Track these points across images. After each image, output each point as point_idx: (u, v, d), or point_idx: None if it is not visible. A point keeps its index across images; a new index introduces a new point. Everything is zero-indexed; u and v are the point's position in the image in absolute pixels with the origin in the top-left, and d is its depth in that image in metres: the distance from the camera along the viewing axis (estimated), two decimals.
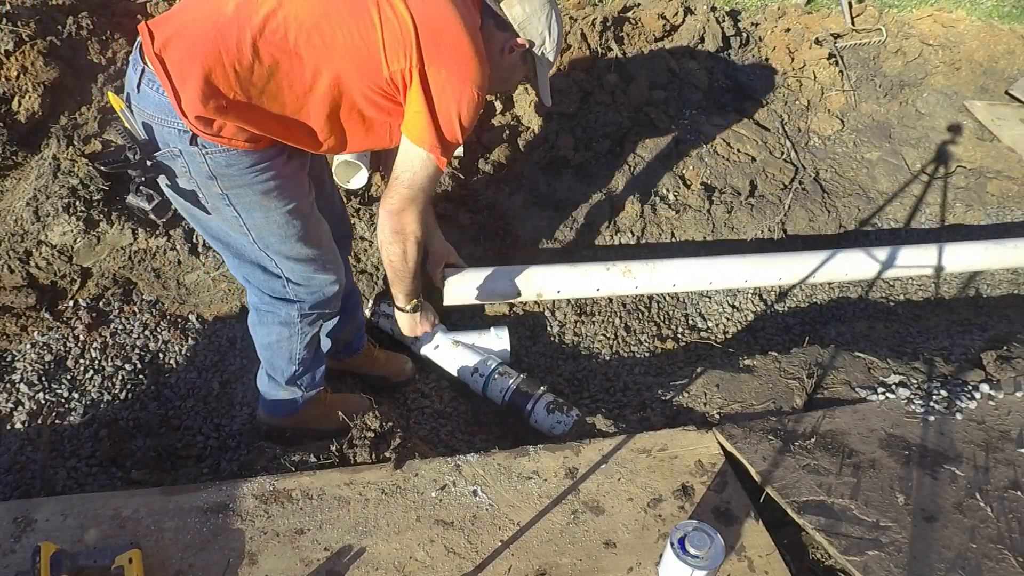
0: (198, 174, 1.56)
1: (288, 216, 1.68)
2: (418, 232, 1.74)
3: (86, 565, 1.51)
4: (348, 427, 1.96)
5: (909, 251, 2.77)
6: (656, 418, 2.23)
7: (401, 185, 1.66)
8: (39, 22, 2.82)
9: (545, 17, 1.76)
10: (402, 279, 1.90)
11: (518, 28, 1.75)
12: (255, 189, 1.61)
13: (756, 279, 2.65)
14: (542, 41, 1.79)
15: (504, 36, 1.75)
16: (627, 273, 2.46)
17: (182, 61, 1.44)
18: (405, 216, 1.70)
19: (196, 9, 1.49)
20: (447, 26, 1.55)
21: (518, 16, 1.74)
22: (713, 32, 3.54)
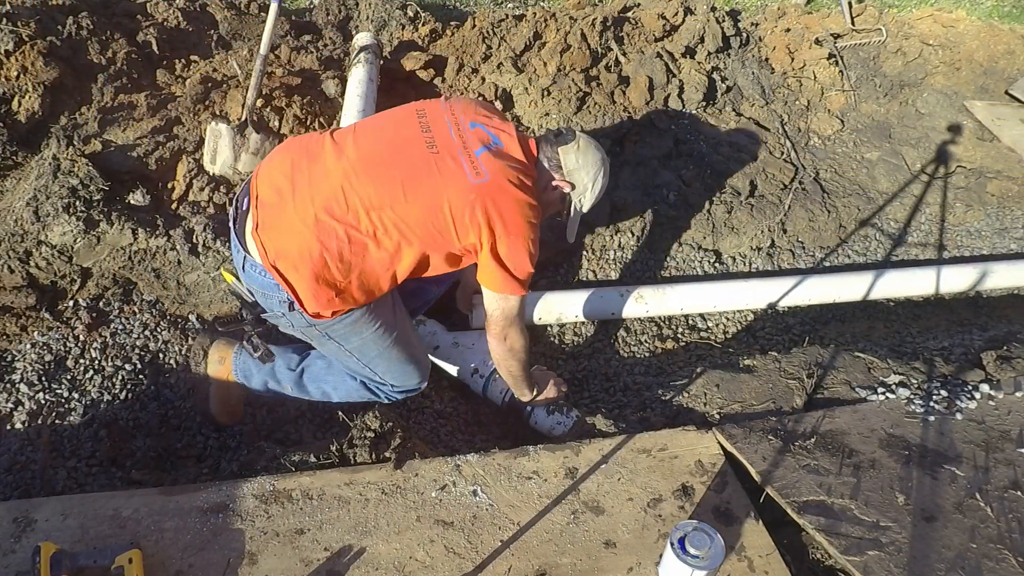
0: (299, 327, 1.90)
1: (380, 331, 1.96)
2: (524, 343, 2.05)
3: (86, 565, 1.51)
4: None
5: (909, 273, 2.92)
6: (656, 418, 2.23)
7: (496, 322, 1.99)
8: (39, 22, 2.82)
9: (594, 172, 2.03)
10: (522, 382, 2.20)
11: (567, 173, 2.00)
12: (348, 327, 1.90)
13: (758, 302, 2.80)
14: (583, 191, 2.04)
15: (552, 175, 2.01)
16: (639, 299, 2.68)
17: (295, 270, 1.76)
18: (510, 339, 2.02)
19: (292, 214, 1.77)
20: (509, 202, 1.82)
21: (570, 164, 2.00)
22: (713, 32, 3.54)
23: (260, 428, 2.26)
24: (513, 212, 1.83)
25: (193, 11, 3.43)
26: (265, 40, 2.64)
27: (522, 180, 1.87)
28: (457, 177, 1.78)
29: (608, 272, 2.93)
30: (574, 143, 2.00)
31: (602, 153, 2.06)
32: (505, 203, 1.82)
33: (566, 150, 1.99)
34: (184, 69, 3.09)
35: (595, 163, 2.03)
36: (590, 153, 2.02)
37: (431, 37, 3.46)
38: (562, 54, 3.19)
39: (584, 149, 2.01)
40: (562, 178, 2.01)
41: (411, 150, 1.82)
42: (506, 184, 1.82)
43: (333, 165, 1.80)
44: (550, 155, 2.01)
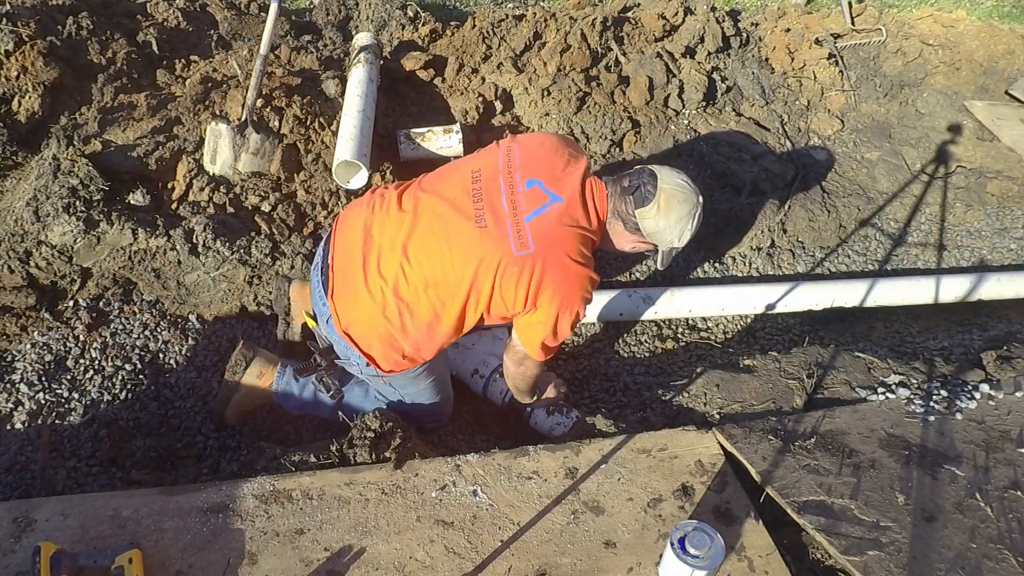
0: (367, 375, 2.00)
1: (435, 382, 2.08)
2: (538, 371, 2.06)
3: (86, 565, 1.51)
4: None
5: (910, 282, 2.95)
6: (656, 418, 2.23)
7: (517, 353, 1.98)
8: (39, 22, 2.82)
9: (681, 228, 1.85)
10: (526, 395, 2.22)
11: (647, 235, 1.87)
12: (409, 379, 2.02)
13: (763, 306, 2.81)
14: (669, 246, 1.91)
15: (634, 237, 1.89)
16: (647, 300, 2.69)
17: (365, 339, 1.88)
18: (526, 367, 2.03)
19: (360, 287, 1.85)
20: (557, 274, 1.75)
21: (649, 227, 1.85)
22: (713, 32, 3.54)
23: (260, 428, 2.26)
24: (560, 285, 1.75)
25: (193, 11, 3.43)
26: (265, 40, 2.65)
27: (579, 247, 1.77)
28: (501, 248, 1.74)
29: (608, 272, 2.93)
30: (653, 204, 1.80)
31: (691, 202, 1.84)
32: (553, 276, 1.74)
33: (644, 213, 1.81)
34: (184, 69, 3.09)
35: (680, 219, 1.83)
36: (673, 211, 1.82)
37: (431, 37, 3.46)
38: (562, 54, 3.19)
39: (666, 208, 1.81)
40: (641, 240, 1.88)
41: (462, 225, 1.78)
42: (555, 255, 1.74)
43: (397, 237, 1.84)
44: (626, 216, 1.84)
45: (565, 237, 1.76)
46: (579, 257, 1.77)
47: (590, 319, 2.71)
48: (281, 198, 2.69)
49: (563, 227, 1.77)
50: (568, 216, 1.78)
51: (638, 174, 1.85)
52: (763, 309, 2.79)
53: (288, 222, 2.62)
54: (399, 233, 1.83)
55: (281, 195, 2.70)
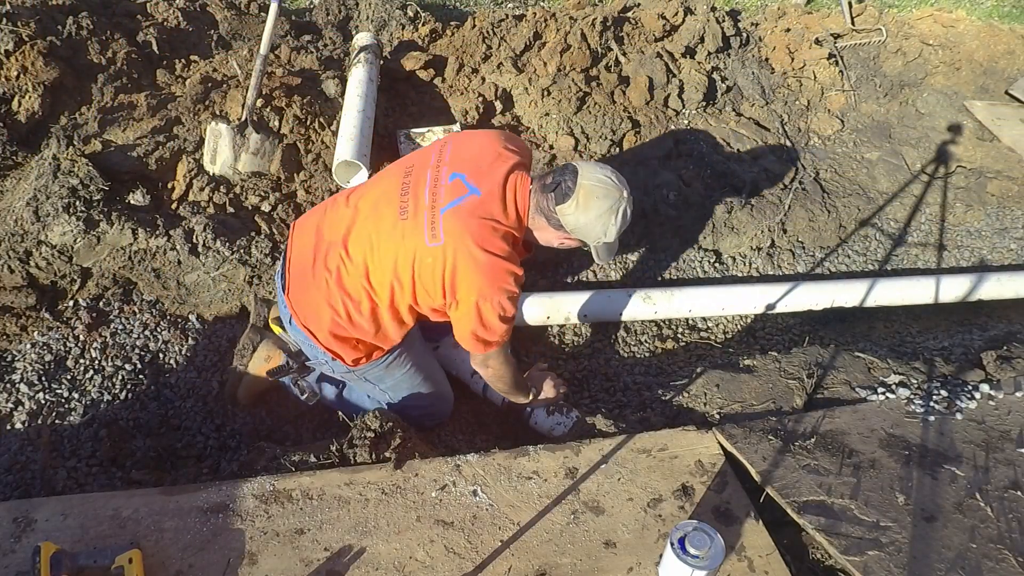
0: (340, 372, 2.08)
1: (411, 372, 2.11)
2: (507, 368, 2.04)
3: (86, 565, 1.51)
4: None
5: (910, 282, 2.94)
6: (656, 418, 2.23)
7: (474, 358, 1.99)
8: (39, 22, 2.82)
9: (603, 224, 1.84)
10: (515, 394, 2.19)
11: (571, 232, 1.87)
12: (382, 371, 2.07)
13: (763, 306, 2.81)
14: (597, 240, 1.89)
15: (559, 234, 1.90)
16: (647, 300, 2.68)
17: (319, 331, 1.95)
18: (492, 368, 2.02)
19: (309, 280, 1.94)
20: (467, 266, 1.76)
21: (571, 224, 1.85)
22: (713, 32, 3.54)
23: (260, 428, 2.26)
24: (473, 276, 1.75)
25: (193, 11, 3.43)
26: (265, 40, 2.65)
27: (492, 239, 1.77)
28: (417, 239, 1.80)
29: (608, 272, 2.93)
30: (572, 200, 1.80)
31: (612, 197, 1.82)
32: (464, 267, 1.75)
33: (563, 210, 1.82)
34: (184, 69, 3.09)
35: (602, 215, 1.82)
36: (593, 207, 1.81)
37: (431, 37, 3.46)
38: (562, 54, 3.19)
39: (585, 205, 1.80)
40: (567, 236, 1.89)
41: (389, 217, 1.86)
42: (465, 246, 1.74)
43: (339, 231, 1.92)
44: (548, 212, 1.85)
45: (477, 229, 1.76)
46: (493, 249, 1.76)
47: (590, 318, 2.71)
48: (281, 198, 2.69)
49: (476, 219, 1.77)
50: (483, 209, 1.79)
51: (561, 171, 1.86)
52: (763, 309, 2.79)
53: (288, 222, 2.62)
54: (341, 227, 1.92)
55: (281, 195, 2.70)
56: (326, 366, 2.08)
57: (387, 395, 2.16)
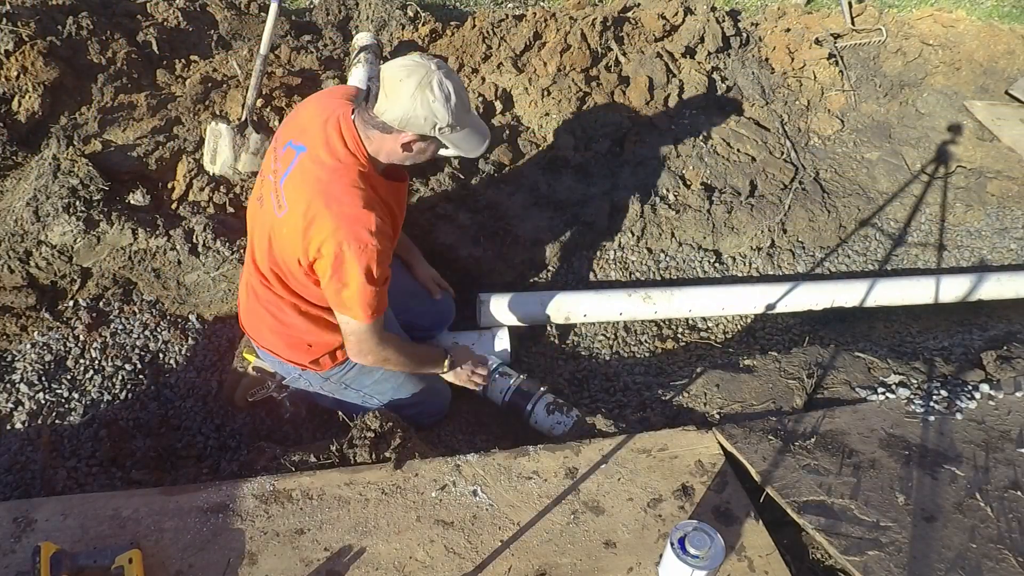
0: (317, 384, 2.14)
1: (388, 372, 2.09)
2: (387, 352, 1.95)
3: (86, 565, 1.51)
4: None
5: (910, 281, 2.96)
6: (656, 418, 2.23)
7: (347, 340, 1.93)
8: (39, 22, 2.82)
9: (423, 104, 1.65)
10: (413, 366, 2.11)
11: (403, 128, 1.70)
12: (357, 372, 2.10)
13: (764, 305, 2.81)
14: (432, 125, 1.70)
15: (395, 138, 1.72)
16: (647, 299, 2.69)
17: (276, 344, 2.03)
18: (371, 358, 1.95)
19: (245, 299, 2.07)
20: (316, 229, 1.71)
21: (393, 117, 1.68)
22: (713, 32, 3.54)
23: (260, 428, 2.26)
24: (322, 231, 1.70)
25: (193, 11, 3.43)
26: (265, 40, 2.64)
27: (333, 188, 1.71)
28: (271, 217, 1.82)
29: (608, 272, 2.93)
30: (381, 95, 1.67)
31: (417, 73, 1.64)
32: (311, 225, 1.71)
33: (379, 108, 1.68)
34: (184, 69, 3.09)
35: (414, 93, 1.64)
36: (400, 90, 1.64)
37: (431, 37, 3.46)
38: (562, 54, 3.19)
39: (392, 92, 1.65)
40: (405, 137, 1.71)
41: (253, 210, 1.96)
42: (307, 204, 1.70)
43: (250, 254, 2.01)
44: (373, 122, 1.71)
45: (313, 183, 1.72)
46: (336, 197, 1.70)
47: (591, 317, 2.70)
48: None
49: (311, 176, 1.74)
50: (313, 161, 1.75)
51: (371, 82, 1.83)
52: (763, 309, 2.80)
53: None
54: (249, 236, 2.03)
55: None
56: (301, 380, 2.12)
57: (375, 398, 2.17)
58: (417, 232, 2.71)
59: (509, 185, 2.92)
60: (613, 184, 3.07)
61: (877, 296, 2.87)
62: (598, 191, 3.01)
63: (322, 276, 1.79)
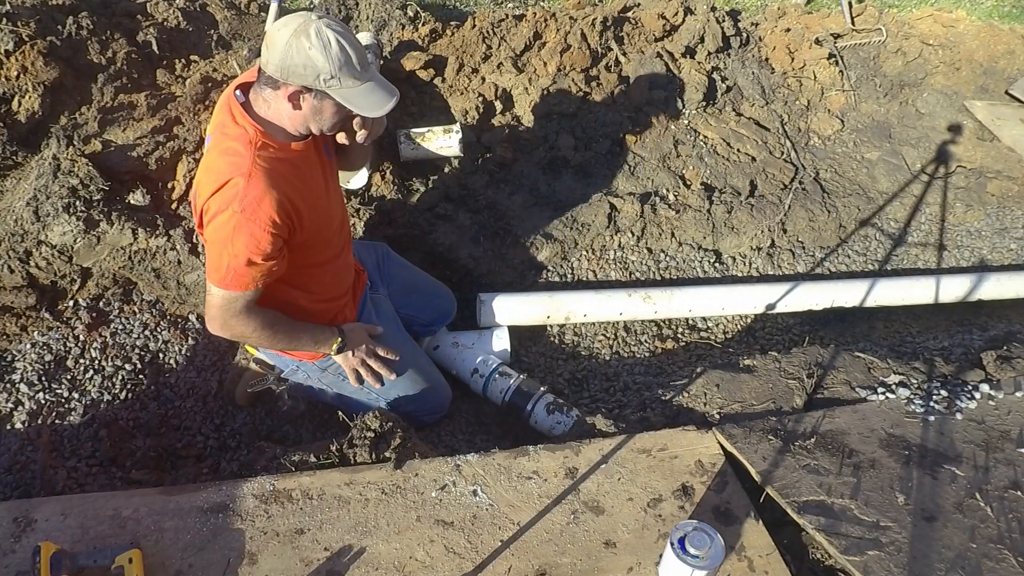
0: (315, 376, 2.14)
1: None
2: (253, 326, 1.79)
3: (86, 565, 1.51)
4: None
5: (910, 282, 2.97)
6: (656, 418, 2.23)
7: (208, 310, 1.77)
8: (39, 22, 2.82)
9: (300, 54, 1.56)
10: (284, 344, 1.94)
11: (287, 80, 1.60)
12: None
13: (764, 305, 2.81)
14: (315, 75, 1.59)
15: (284, 92, 1.62)
16: (647, 299, 2.69)
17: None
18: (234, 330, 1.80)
19: None
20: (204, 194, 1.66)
21: (274, 70, 1.60)
22: (713, 32, 3.53)
23: (260, 428, 2.26)
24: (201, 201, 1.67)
25: (193, 11, 3.43)
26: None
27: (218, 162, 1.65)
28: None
29: (608, 272, 2.93)
30: (263, 49, 1.61)
31: (294, 23, 1.57)
32: (198, 199, 1.69)
33: (263, 61, 1.62)
34: (184, 69, 3.09)
35: (289, 42, 1.56)
36: (276, 40, 1.58)
37: (431, 37, 3.46)
38: (562, 54, 3.19)
39: (271, 43, 1.59)
40: (291, 90, 1.61)
41: None
42: (200, 175, 1.69)
43: None
44: (262, 81, 1.65)
45: (205, 163, 1.70)
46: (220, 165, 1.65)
47: (593, 317, 2.70)
48: None
49: (206, 159, 1.71)
50: (211, 147, 1.71)
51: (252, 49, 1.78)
52: (763, 309, 2.80)
53: None
54: None
55: None
56: (299, 372, 2.12)
57: (373, 391, 2.15)
58: (417, 232, 2.71)
59: (509, 185, 2.92)
60: (613, 184, 3.07)
61: (879, 296, 2.87)
62: (598, 191, 3.01)
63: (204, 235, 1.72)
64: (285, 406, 2.20)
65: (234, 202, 1.60)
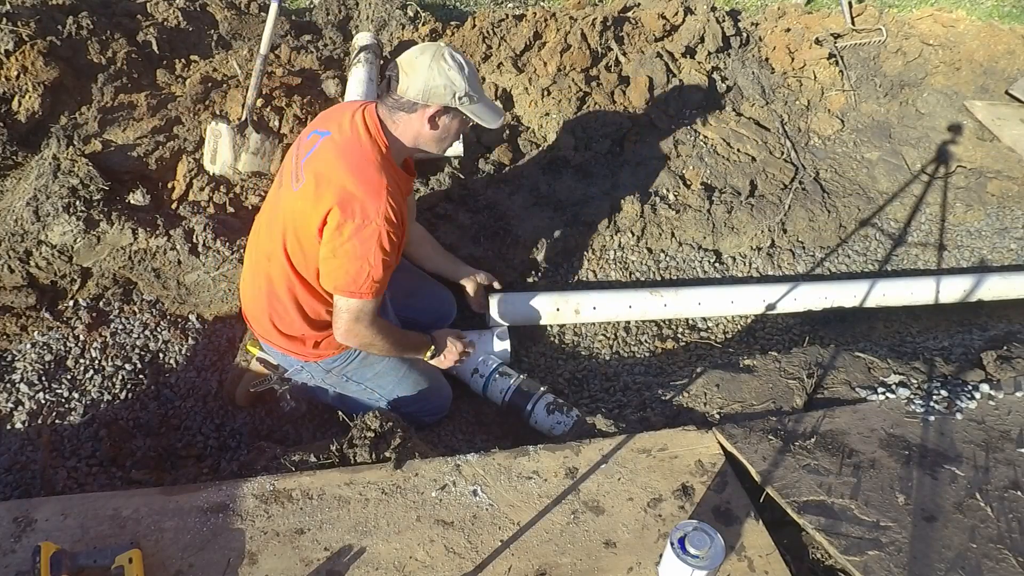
0: (319, 377, 2.15)
1: (392, 362, 2.14)
2: (373, 336, 1.94)
3: (86, 565, 1.51)
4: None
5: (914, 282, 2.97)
6: (656, 418, 2.23)
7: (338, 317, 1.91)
8: (39, 22, 2.82)
9: (440, 73, 1.78)
10: (399, 351, 2.10)
11: (424, 102, 1.80)
12: (359, 364, 2.12)
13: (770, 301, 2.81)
14: (452, 94, 1.80)
15: (420, 114, 1.82)
16: (655, 293, 2.69)
17: (271, 337, 2.05)
18: (358, 338, 1.94)
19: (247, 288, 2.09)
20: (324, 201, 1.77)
21: (415, 93, 1.79)
22: (713, 32, 3.54)
23: (260, 428, 2.26)
24: (334, 201, 1.75)
25: (193, 11, 3.43)
26: (265, 40, 2.64)
27: (351, 166, 1.78)
28: (288, 192, 1.88)
29: (608, 272, 2.93)
30: (401, 76, 1.79)
31: (429, 50, 1.79)
32: (326, 196, 1.77)
33: (401, 88, 1.79)
34: (184, 69, 3.09)
35: (430, 65, 1.76)
36: (418, 64, 1.78)
37: (431, 37, 3.46)
38: (562, 54, 3.19)
39: (410, 69, 1.78)
40: (426, 109, 1.81)
41: (271, 197, 2.01)
42: (326, 178, 1.78)
43: (261, 243, 2.03)
44: (397, 104, 1.82)
45: (333, 159, 1.81)
46: (354, 173, 1.78)
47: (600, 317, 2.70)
48: None
49: (331, 153, 1.82)
50: (334, 142, 1.84)
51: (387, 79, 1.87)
52: (763, 309, 2.80)
53: None
54: (259, 226, 2.07)
55: None
56: (303, 373, 2.13)
57: (375, 392, 2.17)
58: None
59: (509, 185, 2.92)
60: (613, 184, 3.07)
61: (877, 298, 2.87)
62: (598, 191, 3.01)
63: (325, 243, 1.81)
64: (288, 407, 2.20)
65: (374, 216, 1.75)
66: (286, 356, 2.09)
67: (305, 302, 1.98)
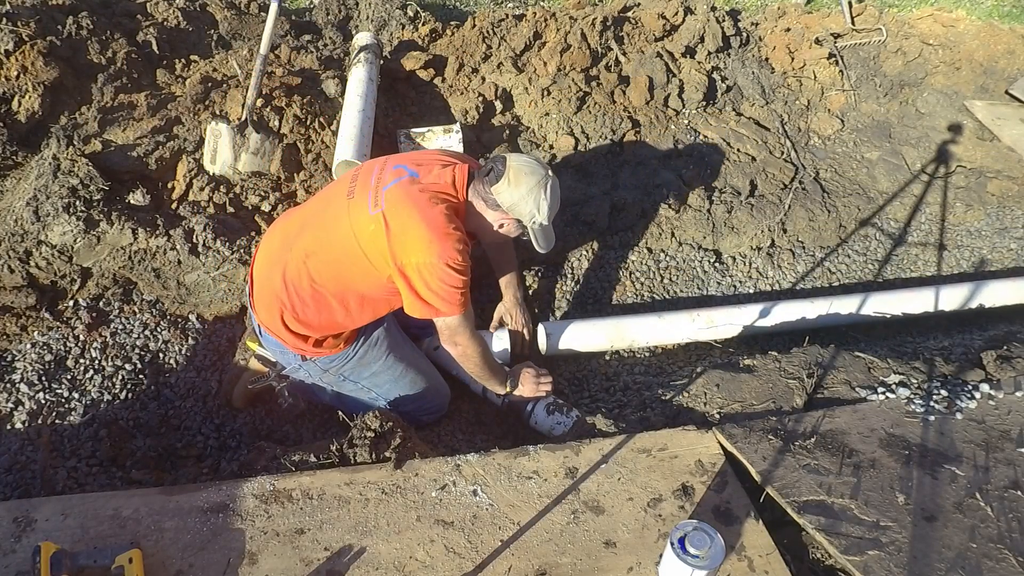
0: (316, 375, 2.15)
1: (388, 362, 2.16)
2: (476, 347, 2.08)
3: (86, 565, 1.51)
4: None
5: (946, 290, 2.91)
6: (656, 418, 2.23)
7: (442, 333, 2.04)
8: (39, 22, 2.83)
9: (534, 199, 2.00)
10: (488, 378, 2.22)
11: (508, 209, 2.02)
12: (357, 364, 2.13)
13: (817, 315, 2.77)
14: (531, 217, 2.04)
15: (497, 214, 2.04)
16: (710, 322, 2.65)
17: (278, 331, 2.03)
18: (461, 346, 2.06)
19: (268, 285, 2.04)
20: (409, 229, 1.87)
21: (506, 202, 2.00)
22: (713, 32, 3.54)
23: (260, 428, 2.26)
24: (414, 237, 1.86)
25: (193, 11, 3.43)
26: (265, 40, 2.65)
27: (432, 205, 1.89)
28: (361, 210, 1.92)
29: (608, 272, 2.93)
30: (504, 179, 1.98)
31: (538, 174, 2.01)
32: (404, 228, 1.86)
33: (498, 189, 1.99)
34: (184, 69, 3.09)
35: (532, 189, 1.99)
36: (523, 182, 1.98)
37: (431, 37, 3.46)
38: (562, 54, 3.19)
39: (515, 181, 1.98)
40: (504, 215, 2.03)
41: (333, 200, 2.02)
42: (407, 210, 1.87)
43: (292, 226, 2.06)
44: (484, 194, 2.02)
45: (417, 196, 1.90)
46: (433, 213, 1.88)
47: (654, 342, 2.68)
48: (281, 198, 2.69)
49: (415, 190, 1.92)
50: (423, 184, 1.95)
51: (492, 160, 2.05)
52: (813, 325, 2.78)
53: None
54: (294, 222, 2.08)
55: (281, 195, 2.70)
56: (301, 370, 2.13)
57: (372, 391, 2.18)
58: None
59: None
60: (613, 184, 3.07)
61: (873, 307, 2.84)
62: (598, 191, 3.01)
63: (411, 280, 1.91)
64: (285, 403, 2.20)
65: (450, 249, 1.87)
66: (285, 351, 2.09)
67: (328, 305, 2.00)
